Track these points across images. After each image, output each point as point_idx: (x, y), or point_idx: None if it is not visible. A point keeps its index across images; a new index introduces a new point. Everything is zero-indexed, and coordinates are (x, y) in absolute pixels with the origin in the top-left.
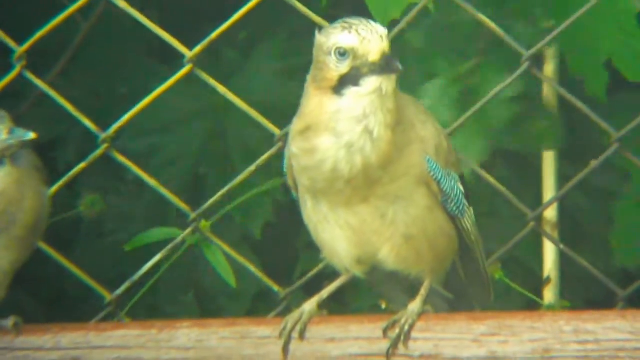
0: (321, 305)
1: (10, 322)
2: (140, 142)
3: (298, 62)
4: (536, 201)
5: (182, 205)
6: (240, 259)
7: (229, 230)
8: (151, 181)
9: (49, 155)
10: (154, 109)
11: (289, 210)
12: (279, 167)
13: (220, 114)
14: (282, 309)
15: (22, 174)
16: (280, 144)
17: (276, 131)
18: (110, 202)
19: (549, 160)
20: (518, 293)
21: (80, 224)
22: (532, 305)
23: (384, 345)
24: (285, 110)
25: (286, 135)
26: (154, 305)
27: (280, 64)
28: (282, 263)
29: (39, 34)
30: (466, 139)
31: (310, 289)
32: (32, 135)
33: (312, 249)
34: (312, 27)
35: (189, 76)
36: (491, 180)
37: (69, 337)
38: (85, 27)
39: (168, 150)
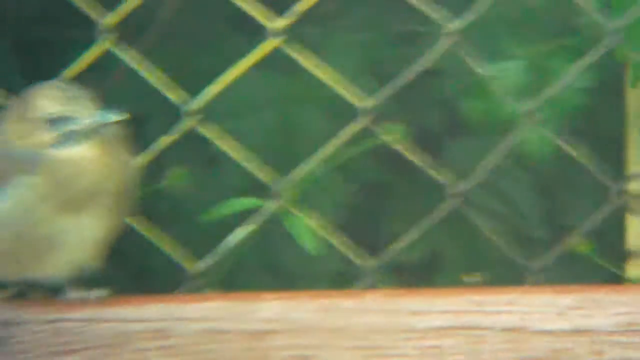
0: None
1: (96, 293)
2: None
3: (380, 36)
4: (618, 173)
5: (266, 177)
6: (323, 233)
7: (318, 195)
8: (236, 155)
9: (136, 131)
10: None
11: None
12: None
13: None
14: (368, 283)
15: (108, 144)
16: (367, 118)
17: (358, 104)
18: (196, 174)
19: (634, 132)
20: (600, 266)
21: (165, 197)
22: (614, 279)
23: (470, 318)
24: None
25: (372, 110)
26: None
27: (361, 36)
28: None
29: (126, 7)
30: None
31: (394, 264)
32: (116, 118)
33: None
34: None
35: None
36: (572, 153)
37: (154, 309)
38: (173, 1)
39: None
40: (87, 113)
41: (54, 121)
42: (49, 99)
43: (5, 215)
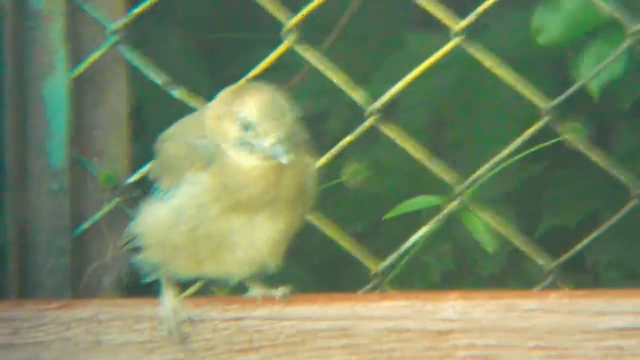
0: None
1: (279, 292)
2: None
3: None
4: None
5: (448, 177)
6: (502, 229)
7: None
8: (418, 154)
9: (317, 127)
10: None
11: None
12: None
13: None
14: (547, 283)
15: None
16: (547, 118)
17: (541, 104)
18: (375, 170)
19: None
20: None
21: (344, 193)
22: None
23: None
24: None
25: (554, 108)
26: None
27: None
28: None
29: (309, 7)
30: None
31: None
32: (287, 160)
33: None
34: None
35: None
36: None
37: (336, 308)
38: (355, 0)
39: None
40: (271, 138)
41: (245, 126)
42: (254, 104)
43: (179, 211)
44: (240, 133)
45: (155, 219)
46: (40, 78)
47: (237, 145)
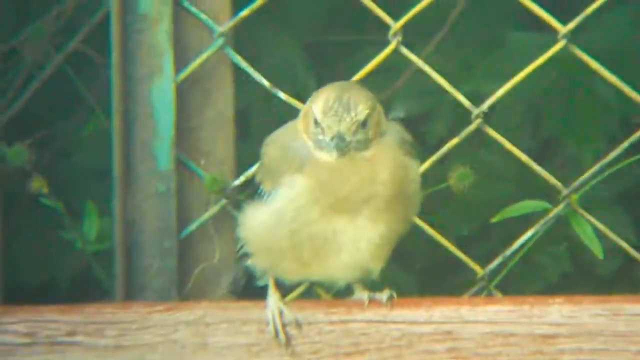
0: None
1: (384, 295)
2: None
3: None
4: None
5: (554, 181)
6: (610, 234)
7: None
8: (522, 156)
9: (420, 129)
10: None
11: None
12: None
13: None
14: None
15: (383, 148)
16: None
17: None
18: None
19: None
20: None
21: (450, 196)
22: None
23: None
24: None
25: None
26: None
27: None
28: None
29: (414, 10)
30: None
31: None
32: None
33: None
34: None
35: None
36: None
37: (442, 311)
38: (461, 2)
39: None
40: (330, 134)
41: (317, 124)
42: (322, 103)
43: (280, 214)
44: (314, 129)
45: (258, 222)
46: (147, 81)
47: (314, 142)
